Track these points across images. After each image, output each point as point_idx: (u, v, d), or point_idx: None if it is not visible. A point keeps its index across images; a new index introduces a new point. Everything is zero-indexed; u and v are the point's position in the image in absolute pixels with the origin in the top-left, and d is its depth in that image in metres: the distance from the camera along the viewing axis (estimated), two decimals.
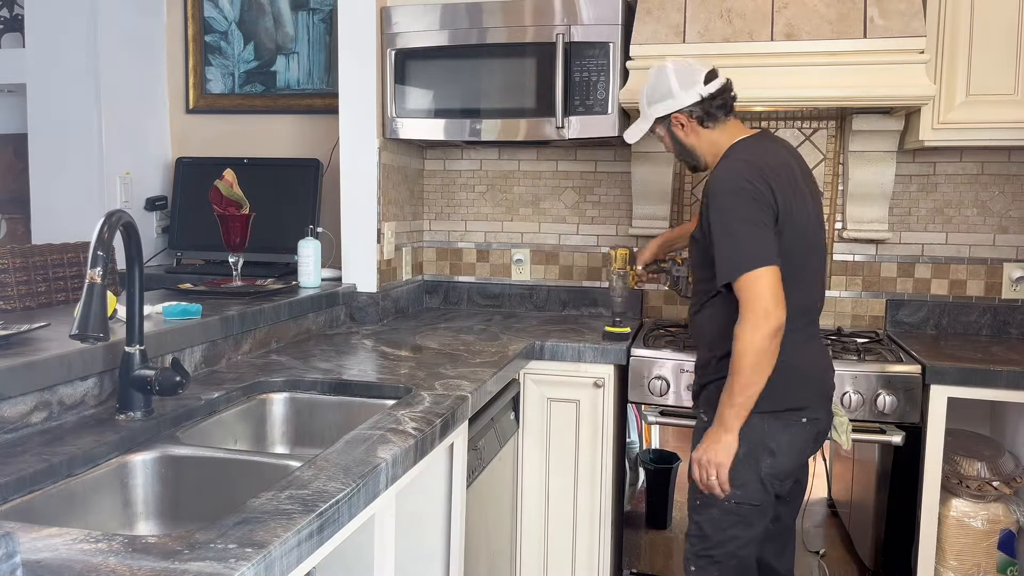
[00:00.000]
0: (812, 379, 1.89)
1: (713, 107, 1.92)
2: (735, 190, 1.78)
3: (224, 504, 1.36)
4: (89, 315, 1.33)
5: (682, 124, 1.94)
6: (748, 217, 1.76)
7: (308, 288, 2.52)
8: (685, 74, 1.93)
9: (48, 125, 3.06)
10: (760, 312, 1.71)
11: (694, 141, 1.95)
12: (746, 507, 1.83)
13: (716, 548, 1.86)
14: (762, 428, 1.81)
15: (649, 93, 1.98)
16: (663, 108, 1.94)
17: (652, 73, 1.99)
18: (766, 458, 1.82)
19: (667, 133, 1.99)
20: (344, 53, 2.65)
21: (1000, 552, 2.27)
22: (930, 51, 2.35)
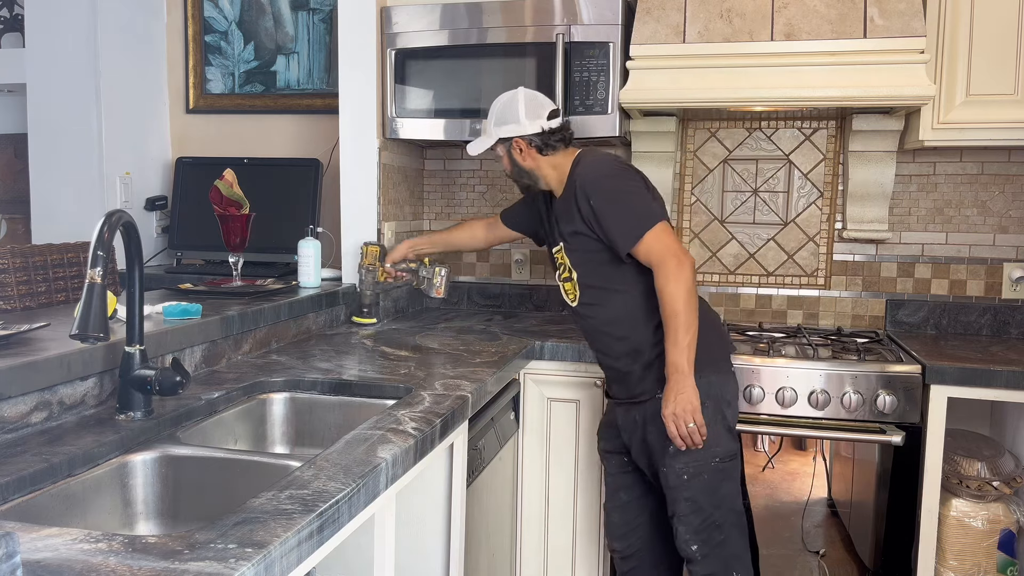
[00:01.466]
0: (723, 325, 2.12)
1: (552, 140, 2.08)
2: (607, 173, 2.00)
3: (224, 504, 1.36)
4: (89, 315, 1.33)
5: (520, 149, 2.09)
6: (627, 188, 1.96)
7: (308, 288, 2.52)
8: (532, 106, 2.08)
9: (48, 125, 3.06)
10: (674, 259, 1.88)
11: (531, 164, 2.10)
12: (727, 461, 1.96)
13: (715, 511, 1.95)
14: (718, 383, 1.97)
15: (498, 114, 2.11)
16: (507, 131, 2.09)
17: (504, 97, 2.12)
18: (727, 409, 1.97)
19: (506, 153, 2.13)
20: (344, 53, 2.65)
21: (1000, 552, 2.27)
22: (930, 51, 2.35)
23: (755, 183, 2.84)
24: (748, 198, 2.85)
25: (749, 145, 2.83)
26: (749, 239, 2.86)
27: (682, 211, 2.91)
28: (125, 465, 1.42)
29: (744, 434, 2.52)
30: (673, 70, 2.40)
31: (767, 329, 2.71)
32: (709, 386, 1.93)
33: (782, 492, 2.74)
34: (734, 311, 2.89)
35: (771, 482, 2.83)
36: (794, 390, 2.25)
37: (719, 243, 2.88)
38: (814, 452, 3.00)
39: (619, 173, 2.00)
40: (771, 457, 3.01)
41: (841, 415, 2.23)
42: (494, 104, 2.14)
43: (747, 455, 3.11)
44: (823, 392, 2.23)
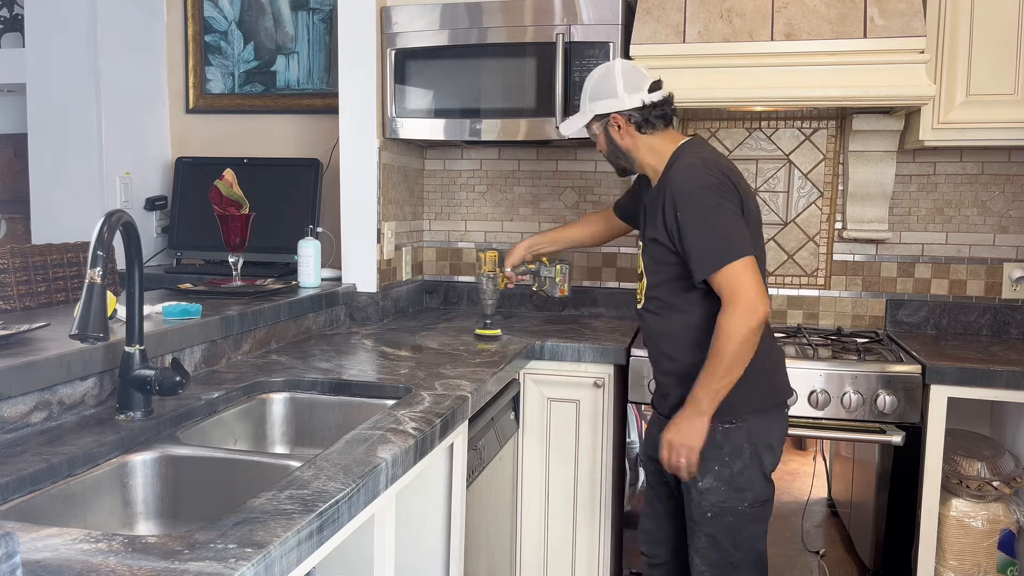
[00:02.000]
0: (785, 371, 1.97)
1: (653, 116, 1.92)
2: (703, 184, 1.79)
3: (224, 504, 1.36)
4: (89, 315, 1.33)
5: (619, 126, 1.93)
6: (719, 210, 1.77)
7: (308, 288, 2.52)
8: (632, 77, 1.92)
9: (48, 125, 3.06)
10: (747, 303, 1.71)
11: (629, 144, 1.94)
12: (757, 506, 1.87)
13: (735, 552, 1.88)
14: (761, 426, 1.85)
15: (593, 89, 1.96)
16: (603, 107, 1.93)
17: (599, 70, 1.97)
18: (768, 455, 1.87)
19: (603, 132, 1.97)
20: (344, 53, 2.65)
21: (1000, 552, 2.27)
22: (930, 51, 2.35)
23: (755, 183, 2.84)
24: None
25: (749, 145, 2.83)
26: None
27: None
28: (125, 465, 1.42)
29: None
30: (673, 70, 2.39)
31: None
32: (751, 431, 1.83)
33: (782, 492, 2.74)
34: None
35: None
36: (794, 390, 2.25)
37: None
38: (814, 452, 2.99)
39: (716, 187, 1.78)
40: None
41: (841, 415, 2.23)
42: (588, 78, 1.98)
43: None
44: (823, 392, 2.23)
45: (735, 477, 1.84)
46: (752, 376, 1.79)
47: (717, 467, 1.84)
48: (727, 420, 1.83)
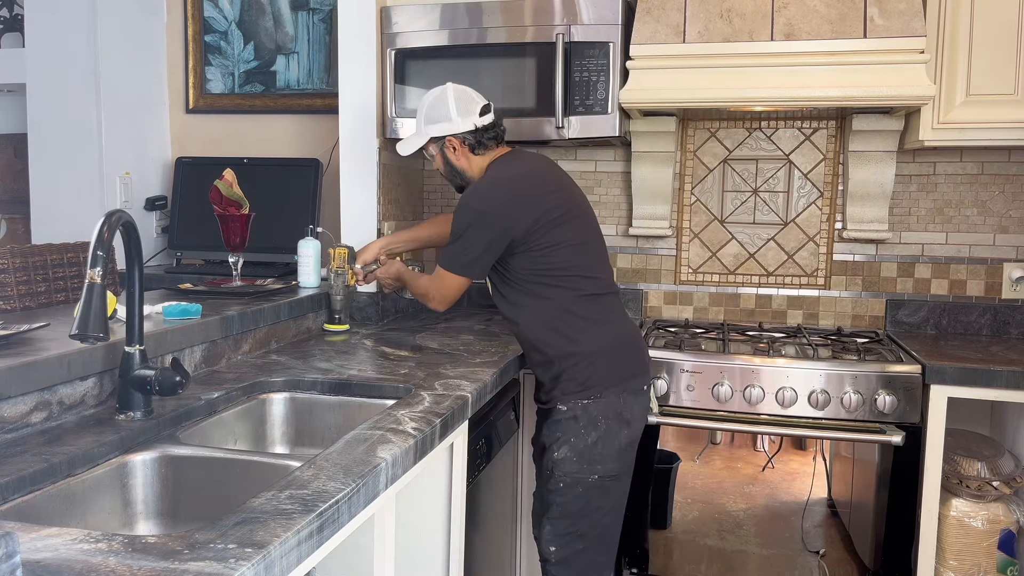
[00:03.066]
0: (643, 346, 2.10)
1: (485, 137, 2.07)
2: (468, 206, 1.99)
3: (224, 504, 1.36)
4: (89, 315, 1.33)
5: (454, 148, 2.08)
6: (465, 232, 1.98)
7: (308, 288, 2.52)
8: (464, 102, 2.06)
9: (48, 125, 3.06)
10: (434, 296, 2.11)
11: (464, 164, 2.09)
12: (607, 479, 1.98)
13: (581, 522, 1.98)
14: (618, 402, 1.97)
15: (427, 112, 2.09)
16: (438, 129, 2.07)
17: (432, 94, 2.10)
18: (623, 429, 1.98)
19: (439, 153, 2.11)
20: (344, 53, 2.65)
21: (1000, 552, 2.27)
22: (930, 51, 2.35)
23: (755, 183, 2.84)
24: (748, 198, 2.85)
25: (749, 145, 2.83)
26: (749, 239, 2.86)
27: (682, 211, 2.91)
28: (125, 465, 1.42)
29: (744, 434, 2.52)
30: (673, 70, 2.40)
31: (767, 329, 2.71)
32: (608, 405, 1.96)
33: (782, 492, 2.74)
34: (734, 311, 2.89)
35: (771, 482, 2.83)
36: (794, 390, 2.25)
37: (719, 243, 2.88)
38: (814, 452, 3.00)
39: (476, 212, 1.97)
40: (771, 457, 3.01)
41: (841, 415, 2.23)
42: (422, 101, 2.12)
43: (747, 455, 3.11)
44: (823, 392, 2.23)
45: (588, 449, 1.95)
46: (609, 353, 1.98)
47: (572, 439, 1.96)
48: (586, 396, 1.95)
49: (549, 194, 2.01)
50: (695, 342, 2.53)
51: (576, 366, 1.97)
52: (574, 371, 1.97)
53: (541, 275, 1.99)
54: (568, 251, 1.99)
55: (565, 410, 1.98)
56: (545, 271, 1.98)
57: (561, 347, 1.98)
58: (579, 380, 1.97)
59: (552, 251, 1.97)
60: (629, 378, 2.00)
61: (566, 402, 1.97)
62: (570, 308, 1.99)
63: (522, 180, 2.04)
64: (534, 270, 1.99)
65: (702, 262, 2.90)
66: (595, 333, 1.99)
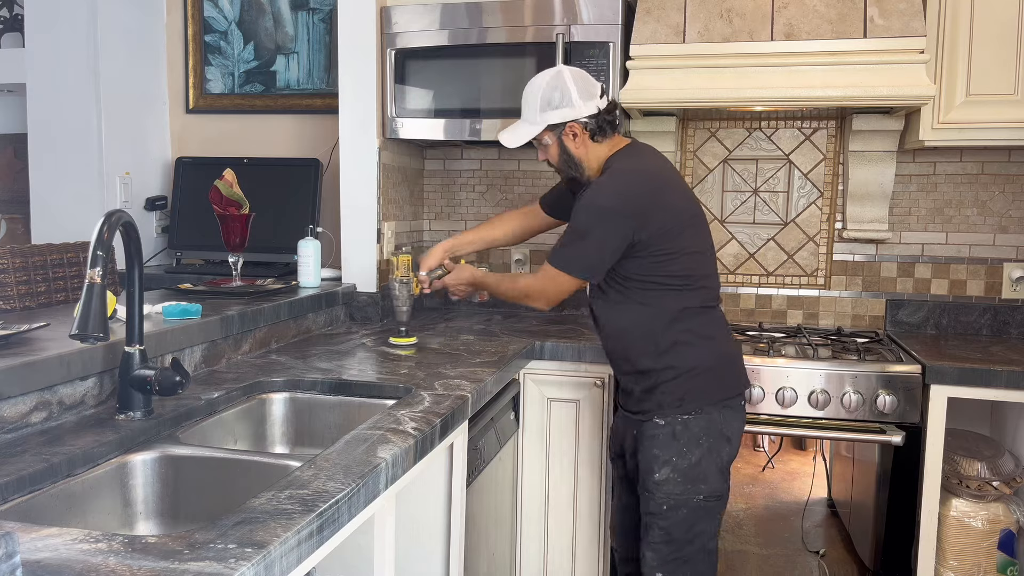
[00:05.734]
0: (742, 363, 2.01)
1: (605, 122, 1.91)
2: (592, 204, 1.86)
3: (224, 504, 1.36)
4: (89, 315, 1.33)
5: (575, 134, 1.91)
6: (587, 233, 1.85)
7: (308, 288, 2.52)
8: (584, 84, 1.91)
9: (48, 125, 3.06)
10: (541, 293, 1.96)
11: (582, 153, 1.93)
12: (711, 500, 1.88)
13: (687, 547, 1.89)
14: (719, 419, 1.88)
15: (544, 97, 1.91)
16: (558, 116, 1.90)
17: (547, 76, 1.93)
18: (725, 447, 1.90)
19: (556, 142, 1.94)
20: (344, 53, 2.65)
21: (1000, 552, 2.27)
22: (930, 51, 2.35)
23: (755, 183, 2.84)
24: (748, 198, 2.85)
25: (749, 145, 2.83)
26: (749, 239, 2.86)
27: None
28: (125, 465, 1.42)
29: (744, 434, 2.52)
30: (673, 70, 2.40)
31: (767, 329, 2.71)
32: (709, 422, 1.87)
33: (782, 492, 2.74)
34: (734, 311, 2.88)
35: (771, 482, 2.84)
36: (794, 390, 2.25)
37: (719, 243, 2.88)
38: (814, 452, 3.00)
39: (602, 210, 1.83)
40: (771, 457, 3.01)
41: (841, 415, 2.23)
42: (532, 86, 1.94)
43: (747, 455, 3.12)
44: (823, 392, 2.23)
45: (691, 468, 1.86)
46: (710, 369, 1.89)
47: (674, 458, 1.87)
48: (686, 411, 1.87)
49: (679, 198, 1.91)
50: None
51: (675, 380, 1.87)
52: (672, 385, 1.87)
53: (655, 281, 1.87)
54: (687, 259, 1.87)
55: (663, 424, 1.88)
56: (661, 278, 1.86)
57: (661, 359, 1.88)
58: (678, 395, 1.87)
59: (673, 258, 1.85)
60: (728, 397, 1.91)
61: (663, 416, 1.88)
62: (677, 320, 1.88)
63: (654, 180, 1.90)
64: (649, 275, 1.86)
65: None
66: (699, 348, 1.89)
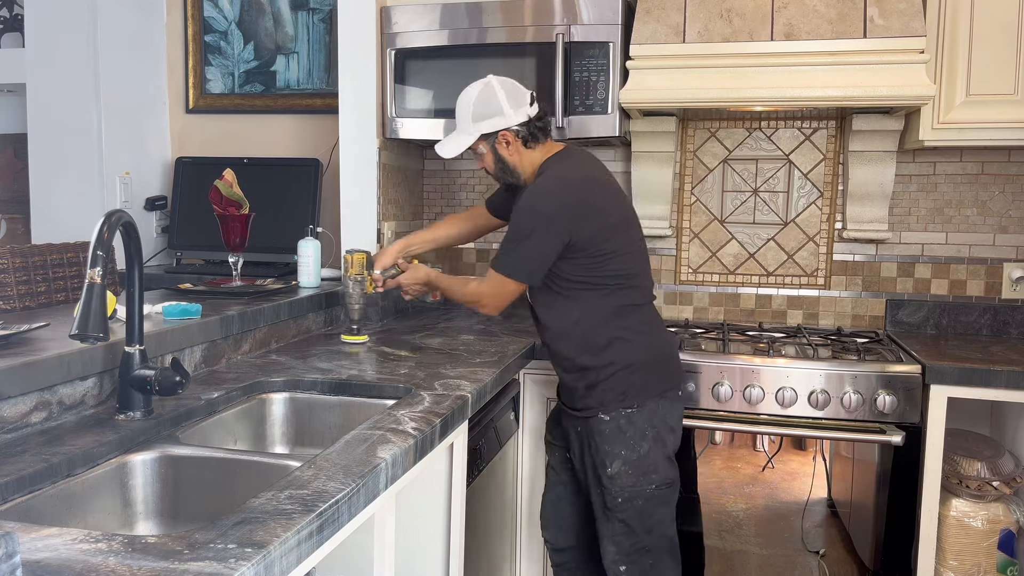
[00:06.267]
0: (677, 357, 2.08)
1: (536, 129, 1.96)
2: (532, 207, 1.90)
3: (224, 504, 1.36)
4: (89, 315, 1.33)
5: (507, 142, 1.96)
6: (530, 235, 1.89)
7: (308, 288, 2.52)
8: (513, 92, 1.96)
9: (48, 125, 3.06)
10: (486, 301, 2.02)
11: (516, 160, 1.98)
12: (663, 488, 1.93)
13: (646, 536, 1.94)
14: (660, 409, 1.94)
15: (475, 108, 1.95)
16: (490, 125, 1.95)
17: (476, 88, 1.98)
18: (670, 436, 1.95)
19: (490, 150, 1.99)
20: (344, 53, 2.65)
21: (1000, 552, 2.27)
22: (930, 51, 2.35)
23: (755, 183, 2.84)
24: (748, 198, 2.85)
25: (749, 145, 2.83)
26: (749, 239, 2.86)
27: (682, 211, 2.91)
28: (125, 465, 1.42)
29: (744, 434, 2.52)
30: (673, 70, 2.40)
31: (767, 329, 2.71)
32: (652, 414, 1.92)
33: (782, 492, 2.74)
34: (734, 311, 2.89)
35: (771, 482, 2.83)
36: (794, 390, 2.25)
37: (719, 243, 2.88)
38: (814, 452, 3.00)
39: (542, 215, 1.88)
40: (771, 457, 3.01)
41: (841, 415, 2.23)
42: (464, 97, 1.99)
43: (747, 455, 3.11)
44: (823, 392, 2.23)
45: (641, 460, 1.91)
46: (647, 363, 1.95)
47: (624, 451, 1.91)
48: (628, 405, 1.91)
49: (612, 201, 1.95)
50: (695, 342, 2.53)
51: (614, 376, 1.92)
52: (611, 381, 1.92)
53: (590, 282, 1.92)
54: (621, 259, 1.93)
55: (608, 419, 1.92)
56: (596, 278, 1.92)
57: (600, 357, 1.93)
58: (618, 390, 1.92)
59: (608, 259, 1.91)
60: (666, 389, 1.97)
61: (607, 412, 1.92)
62: (614, 317, 1.93)
63: (588, 184, 1.95)
64: (584, 276, 1.92)
65: (702, 262, 2.90)
66: (636, 344, 1.94)
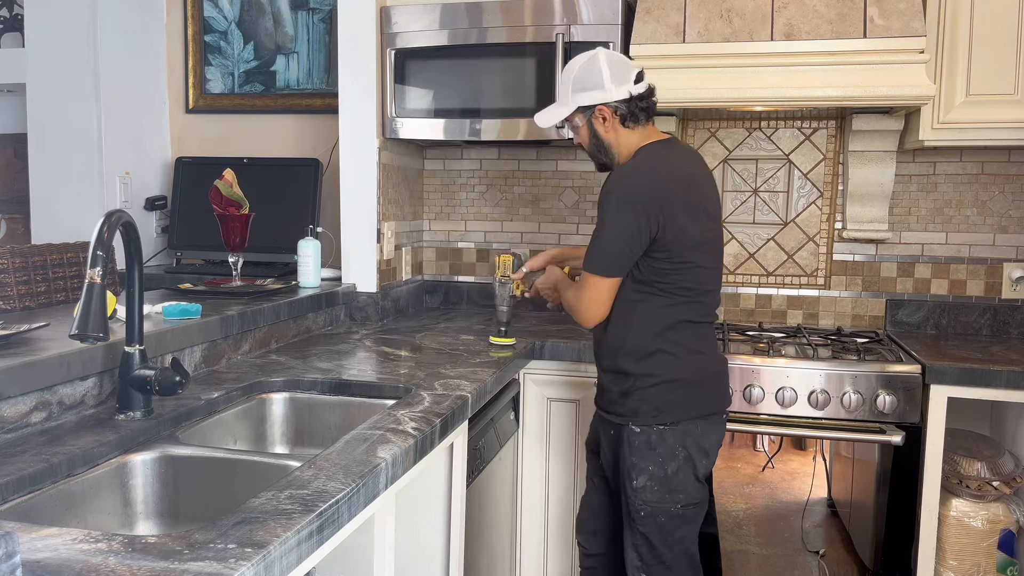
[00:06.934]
0: (726, 381, 2.00)
1: (637, 108, 1.88)
2: (618, 190, 1.81)
3: (224, 504, 1.36)
4: (89, 315, 1.33)
5: (604, 119, 1.88)
6: (617, 219, 1.79)
7: (308, 288, 2.52)
8: (618, 68, 1.87)
9: (48, 125, 3.06)
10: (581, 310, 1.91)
11: (612, 138, 1.90)
12: (689, 508, 1.89)
13: (667, 552, 1.89)
14: (697, 431, 1.87)
15: (576, 79, 1.88)
16: (588, 98, 1.87)
17: (582, 59, 1.89)
18: (702, 459, 1.89)
19: (586, 124, 1.91)
20: (344, 53, 2.65)
21: (1000, 552, 2.27)
22: (930, 51, 2.35)
23: (755, 183, 2.84)
24: (748, 198, 2.85)
25: (749, 145, 2.83)
26: (749, 239, 2.86)
27: None
28: (125, 465, 1.42)
29: (744, 434, 2.52)
30: (673, 70, 2.40)
31: (767, 329, 2.71)
32: (686, 434, 1.86)
33: (782, 492, 2.74)
34: (734, 311, 2.89)
35: (771, 482, 2.83)
36: (794, 390, 2.25)
37: None
38: (814, 452, 3.00)
39: (628, 199, 1.78)
40: (771, 457, 3.01)
41: (841, 415, 2.23)
42: (568, 68, 1.91)
43: (747, 455, 3.12)
44: (823, 392, 2.23)
45: (669, 479, 1.86)
46: (693, 383, 1.87)
47: (651, 467, 1.86)
48: (663, 422, 1.85)
49: (707, 206, 1.85)
50: None
51: (653, 388, 1.85)
52: (649, 393, 1.85)
53: (660, 288, 1.83)
54: (698, 273, 1.83)
55: (639, 432, 1.86)
56: (666, 286, 1.82)
57: (643, 365, 1.85)
58: (654, 404, 1.85)
59: (687, 269, 1.81)
60: (708, 412, 1.89)
61: (639, 424, 1.86)
62: (669, 328, 1.84)
63: (685, 178, 1.84)
64: (656, 280, 1.83)
65: None
66: (683, 361, 1.86)
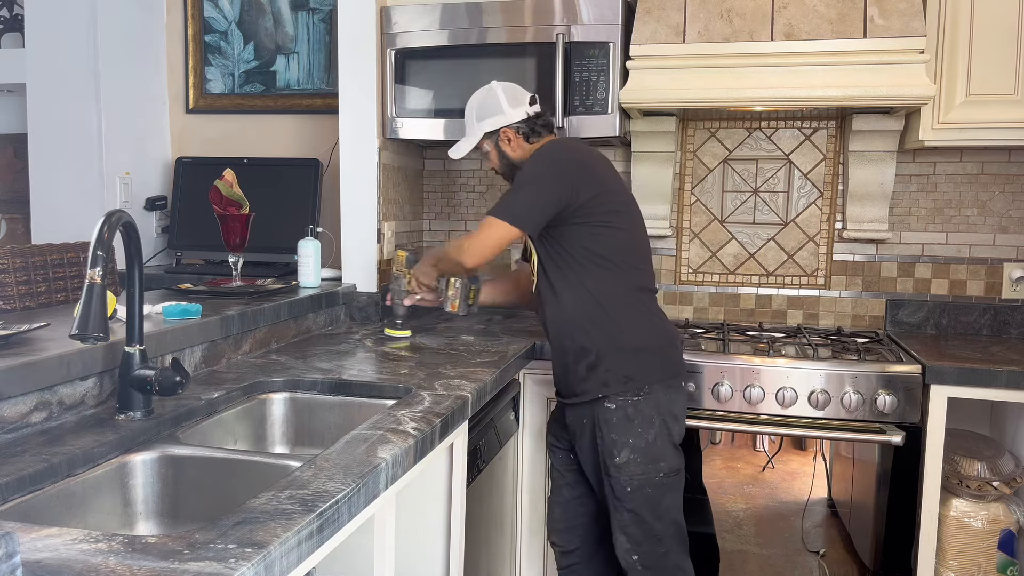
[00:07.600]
0: (680, 347, 2.11)
1: (538, 125, 2.10)
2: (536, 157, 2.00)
3: (224, 504, 1.36)
4: (89, 315, 1.33)
5: (509, 139, 2.09)
6: (533, 178, 1.95)
7: (308, 288, 2.52)
8: (512, 93, 2.10)
9: (48, 125, 3.06)
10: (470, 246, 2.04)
11: (519, 155, 2.09)
12: (671, 475, 1.97)
13: (657, 523, 1.95)
14: (667, 398, 1.96)
15: (479, 109, 2.11)
16: (492, 123, 2.09)
17: (480, 93, 2.13)
18: (675, 425, 1.97)
19: (494, 147, 2.12)
20: (344, 53, 2.65)
21: (1000, 552, 2.27)
22: (930, 51, 2.35)
23: (755, 183, 2.84)
24: (748, 198, 2.85)
25: (749, 145, 2.83)
26: (749, 239, 2.86)
27: (682, 211, 2.91)
28: (125, 465, 1.42)
29: (744, 434, 2.52)
30: (673, 70, 2.40)
31: (767, 329, 2.71)
32: (658, 402, 1.94)
33: (782, 492, 2.74)
34: (734, 311, 2.89)
35: (771, 482, 2.83)
36: (794, 390, 2.25)
37: (719, 243, 2.88)
38: (814, 452, 2.99)
39: (541, 170, 1.95)
40: (771, 457, 3.01)
41: (841, 415, 2.24)
42: (470, 103, 2.14)
43: (747, 455, 3.12)
44: (823, 392, 2.23)
45: (650, 447, 1.93)
46: (656, 350, 1.98)
47: (632, 439, 1.93)
48: (635, 392, 1.93)
49: (613, 179, 2.02)
50: (695, 342, 2.53)
51: (618, 355, 1.94)
52: (616, 363, 1.93)
53: (597, 256, 1.95)
54: (627, 237, 1.98)
55: (615, 408, 1.93)
56: (602, 252, 1.95)
57: (608, 336, 1.95)
58: (623, 372, 1.93)
59: (613, 232, 1.95)
60: (671, 377, 1.99)
61: (613, 399, 1.93)
62: (618, 298, 1.96)
63: (590, 155, 2.02)
64: (591, 249, 1.95)
65: (702, 262, 2.90)
66: (644, 327, 1.98)
